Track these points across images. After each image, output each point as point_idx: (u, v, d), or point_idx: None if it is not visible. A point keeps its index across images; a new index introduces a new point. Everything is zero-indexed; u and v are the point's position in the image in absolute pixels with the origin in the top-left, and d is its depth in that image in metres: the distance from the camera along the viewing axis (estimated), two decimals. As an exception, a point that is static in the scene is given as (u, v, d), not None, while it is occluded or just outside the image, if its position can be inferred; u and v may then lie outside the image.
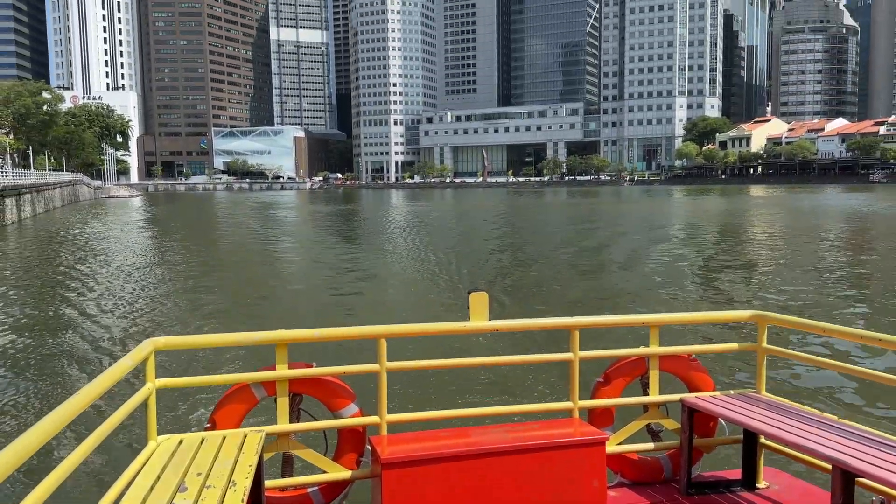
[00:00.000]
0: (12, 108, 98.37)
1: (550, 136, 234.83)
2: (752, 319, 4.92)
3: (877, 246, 34.84)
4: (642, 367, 4.87)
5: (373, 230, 51.62)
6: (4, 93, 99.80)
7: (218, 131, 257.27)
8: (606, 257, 31.04)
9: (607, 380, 4.85)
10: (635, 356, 4.86)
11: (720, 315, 6.00)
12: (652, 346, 4.84)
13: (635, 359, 4.87)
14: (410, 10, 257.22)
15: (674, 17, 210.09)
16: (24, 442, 2.27)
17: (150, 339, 3.95)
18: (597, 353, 4.85)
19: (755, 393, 4.96)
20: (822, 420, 4.32)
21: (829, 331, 4.55)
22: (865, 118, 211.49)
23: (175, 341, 4.19)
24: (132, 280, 24.40)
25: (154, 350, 3.92)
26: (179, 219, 68.42)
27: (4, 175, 48.75)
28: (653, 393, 4.84)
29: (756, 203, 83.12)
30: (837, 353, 12.04)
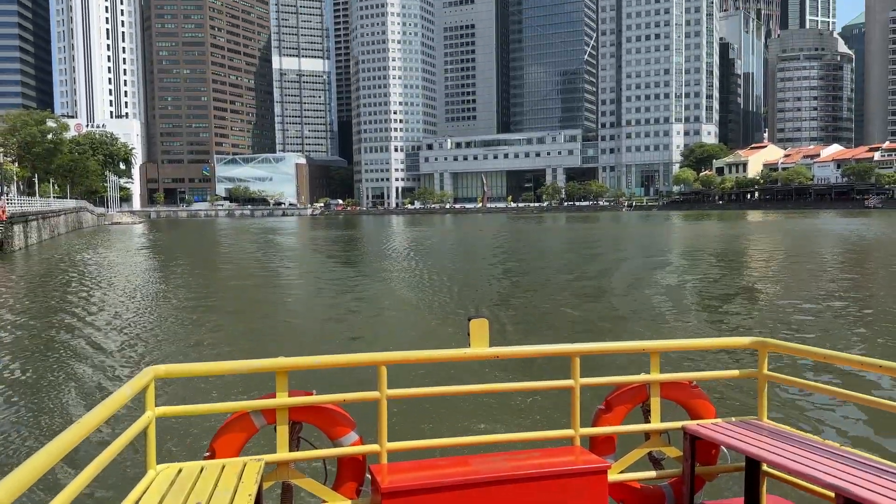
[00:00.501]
0: (18, 137, 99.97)
1: (549, 162, 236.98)
2: (753, 346, 4.93)
3: (875, 270, 34.79)
4: (643, 394, 4.89)
5: (373, 255, 51.98)
6: (11, 121, 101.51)
7: (220, 158, 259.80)
8: (607, 282, 30.95)
9: (608, 407, 4.86)
10: (636, 383, 4.89)
11: (721, 341, 6.04)
12: (653, 372, 4.87)
13: (636, 386, 4.90)
14: (411, 40, 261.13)
15: (670, 46, 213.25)
16: (25, 471, 2.26)
17: (151, 368, 3.92)
18: (598, 380, 4.89)
19: (757, 420, 4.96)
20: (824, 447, 4.26)
21: (830, 357, 4.53)
22: (862, 143, 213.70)
23: (175, 369, 4.18)
24: (133, 306, 24.59)
25: (154, 378, 3.88)
26: (181, 245, 69.37)
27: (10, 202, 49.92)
28: (654, 420, 4.85)
29: (754, 227, 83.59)
30: (839, 379, 12.02)
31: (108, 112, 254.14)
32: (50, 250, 52.77)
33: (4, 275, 37.33)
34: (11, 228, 47.02)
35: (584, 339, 16.20)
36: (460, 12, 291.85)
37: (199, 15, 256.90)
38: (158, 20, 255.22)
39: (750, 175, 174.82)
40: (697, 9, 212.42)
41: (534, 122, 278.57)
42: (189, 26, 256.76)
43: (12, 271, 39.37)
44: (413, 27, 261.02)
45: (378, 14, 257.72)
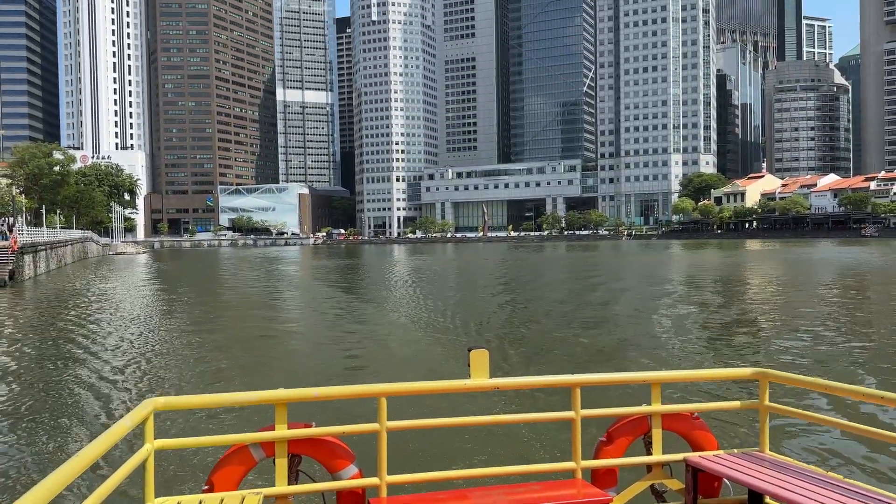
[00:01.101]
0: (26, 169, 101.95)
1: (549, 191, 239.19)
2: (754, 377, 4.92)
3: (875, 299, 34.78)
4: (645, 426, 4.86)
5: (374, 283, 52.44)
6: (19, 154, 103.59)
7: (224, 189, 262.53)
8: (608, 311, 30.93)
9: (610, 439, 4.83)
10: (638, 414, 4.87)
11: (722, 372, 5.97)
12: (654, 403, 4.83)
13: (638, 417, 4.87)
14: (412, 73, 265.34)
15: (667, 78, 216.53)
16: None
17: (150, 399, 3.97)
18: (599, 411, 4.86)
19: (759, 452, 4.93)
20: (826, 479, 4.24)
21: (832, 388, 4.50)
22: (860, 173, 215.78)
23: (175, 401, 4.20)
24: (135, 336, 24.91)
25: (154, 410, 3.91)
26: (183, 274, 70.45)
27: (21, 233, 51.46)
28: (656, 452, 4.80)
29: (753, 256, 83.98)
30: (841, 410, 11.95)
31: (113, 143, 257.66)
32: (57, 280, 54.12)
33: (15, 303, 38.61)
34: (22, 258, 48.48)
35: (586, 368, 16.93)
36: (461, 46, 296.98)
37: (204, 49, 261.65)
38: (164, 54, 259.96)
39: (748, 204, 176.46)
40: (694, 41, 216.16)
41: (534, 152, 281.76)
42: (195, 60, 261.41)
43: (22, 300, 40.64)
44: (415, 60, 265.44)
45: (380, 48, 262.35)
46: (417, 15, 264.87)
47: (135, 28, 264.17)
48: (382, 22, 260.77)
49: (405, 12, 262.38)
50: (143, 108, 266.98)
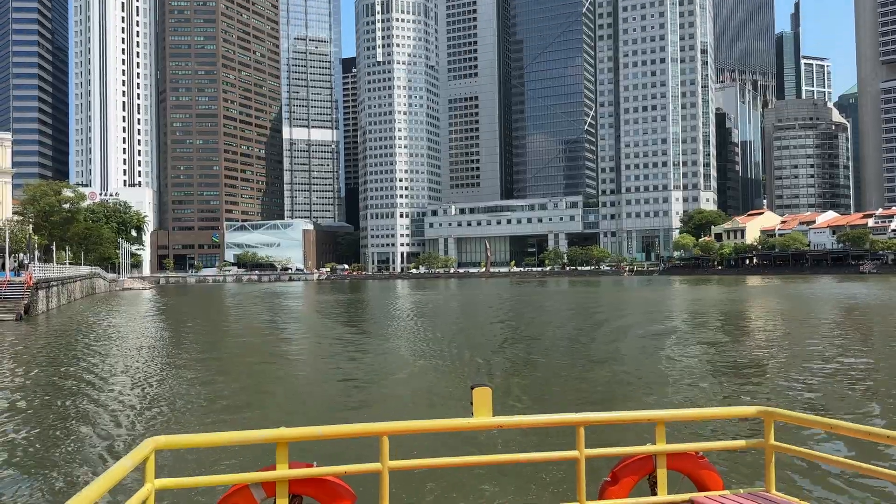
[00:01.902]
0: (37, 207, 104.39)
1: (551, 227, 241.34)
2: (759, 415, 4.84)
3: (878, 336, 34.74)
4: (650, 466, 4.80)
5: (377, 318, 53.08)
6: (31, 192, 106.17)
7: (230, 225, 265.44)
8: (612, 348, 30.89)
9: (615, 479, 4.79)
10: (642, 454, 4.83)
11: (726, 411, 5.93)
12: (659, 443, 4.79)
13: (643, 457, 4.83)
14: (416, 111, 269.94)
15: (666, 117, 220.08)
16: None
17: (151, 438, 3.93)
18: (603, 450, 4.84)
19: (765, 491, 4.85)
20: None
21: (837, 427, 4.43)
22: (861, 209, 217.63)
23: (175, 440, 4.14)
24: (139, 371, 25.34)
25: (154, 449, 3.88)
26: (187, 310, 71.79)
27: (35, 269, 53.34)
28: (661, 492, 4.74)
29: (754, 292, 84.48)
30: (846, 449, 11.81)
31: (121, 180, 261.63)
32: (67, 315, 55.77)
33: (31, 336, 40.22)
34: (36, 293, 50.27)
35: (590, 405, 17.07)
36: (464, 85, 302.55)
37: (212, 88, 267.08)
38: (173, 93, 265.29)
39: (748, 241, 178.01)
40: (693, 81, 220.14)
41: (536, 188, 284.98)
42: (203, 99, 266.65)
43: (37, 333, 42.24)
44: (419, 99, 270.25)
45: (385, 87, 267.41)
46: (421, 56, 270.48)
47: (144, 68, 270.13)
48: (387, 62, 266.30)
49: (409, 53, 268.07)
50: (152, 146, 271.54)
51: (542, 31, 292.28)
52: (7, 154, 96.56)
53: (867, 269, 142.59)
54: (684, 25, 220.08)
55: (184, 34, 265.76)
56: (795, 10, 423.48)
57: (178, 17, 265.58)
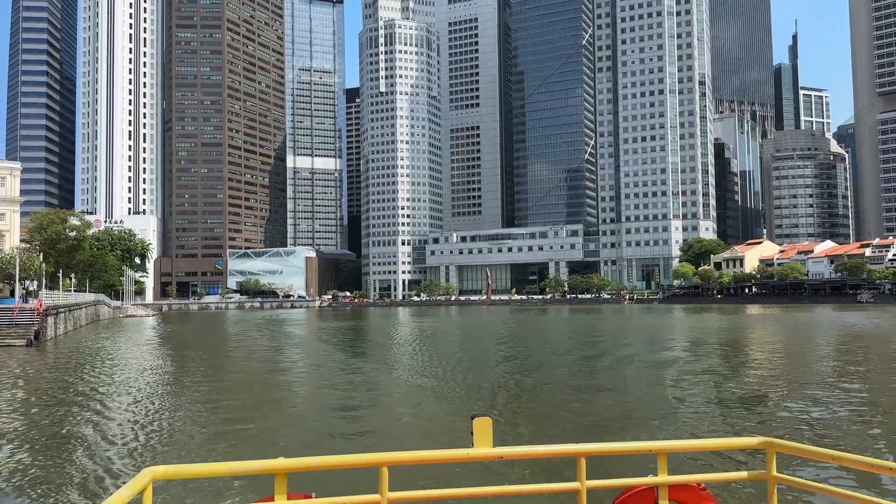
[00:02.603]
0: (44, 235, 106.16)
1: (552, 255, 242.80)
2: (762, 446, 4.81)
3: (879, 365, 34.71)
4: (651, 498, 4.75)
5: (378, 346, 53.61)
6: (38, 220, 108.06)
7: (233, 252, 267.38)
8: (613, 376, 30.83)
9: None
10: (644, 485, 4.78)
11: (728, 442, 5.89)
12: (661, 474, 4.75)
13: (644, 489, 4.78)
14: (418, 140, 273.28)
15: (665, 147, 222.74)
16: None
17: (149, 469, 3.89)
18: (604, 482, 4.81)
19: None
20: None
21: (840, 458, 4.41)
22: (861, 239, 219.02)
23: (173, 470, 4.09)
24: (141, 398, 25.68)
25: (153, 479, 3.84)
26: (190, 337, 72.95)
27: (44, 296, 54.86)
28: None
29: (754, 321, 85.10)
30: (849, 481, 11.70)
31: (126, 208, 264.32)
32: (74, 341, 57.09)
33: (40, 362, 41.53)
34: (46, 320, 51.69)
35: (591, 435, 17.18)
36: (466, 115, 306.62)
37: (218, 118, 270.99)
38: (179, 122, 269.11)
39: (747, 270, 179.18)
40: (691, 112, 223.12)
41: (537, 216, 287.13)
42: (208, 128, 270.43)
43: (46, 359, 43.55)
44: (421, 129, 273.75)
45: (388, 117, 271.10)
46: (424, 86, 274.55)
47: (151, 98, 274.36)
48: (390, 93, 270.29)
49: (412, 84, 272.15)
50: (157, 175, 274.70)
51: (543, 62, 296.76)
52: (16, 183, 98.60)
53: (864, 299, 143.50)
54: (682, 58, 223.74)
55: (190, 65, 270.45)
56: (793, 42, 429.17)
57: (184, 48, 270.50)
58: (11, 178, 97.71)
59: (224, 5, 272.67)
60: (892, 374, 30.92)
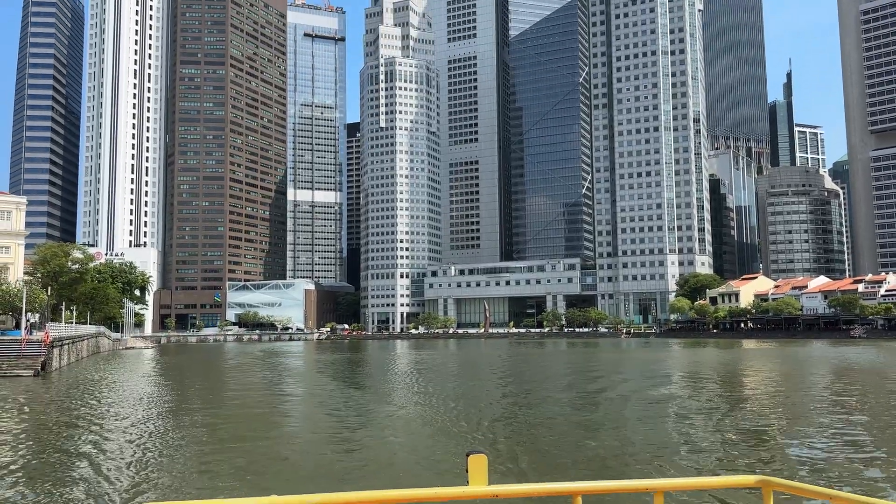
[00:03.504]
0: (47, 267, 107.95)
1: (549, 289, 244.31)
2: (757, 485, 4.82)
3: (873, 402, 34.93)
4: None
5: (376, 378, 54.27)
6: (42, 253, 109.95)
7: (232, 285, 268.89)
8: (611, 412, 30.81)
9: None
10: None
11: (725, 480, 5.83)
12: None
13: None
14: (418, 175, 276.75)
15: (661, 182, 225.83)
16: None
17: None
18: None
19: None
20: None
21: (836, 498, 4.39)
22: (856, 274, 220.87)
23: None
24: (140, 433, 25.93)
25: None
26: (188, 369, 74.11)
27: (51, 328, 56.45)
28: None
29: (750, 355, 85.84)
30: None
31: (127, 241, 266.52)
32: (77, 372, 58.46)
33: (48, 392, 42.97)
34: (52, 351, 53.23)
35: (588, 471, 17.17)
36: (465, 150, 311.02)
37: (220, 152, 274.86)
38: (181, 156, 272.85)
39: (742, 305, 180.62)
40: (686, 149, 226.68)
41: (535, 250, 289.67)
42: (210, 162, 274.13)
43: (54, 390, 44.98)
44: (420, 163, 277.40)
45: (388, 151, 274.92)
46: (423, 122, 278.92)
47: (154, 132, 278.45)
48: (390, 128, 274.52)
49: (411, 119, 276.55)
50: (158, 207, 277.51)
51: (541, 99, 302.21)
52: (21, 217, 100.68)
53: (857, 334, 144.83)
54: (677, 96, 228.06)
55: (193, 100, 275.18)
56: (788, 80, 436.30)
57: (188, 84, 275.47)
58: (17, 211, 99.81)
59: (228, 43, 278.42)
60: (887, 412, 31.03)
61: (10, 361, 48.30)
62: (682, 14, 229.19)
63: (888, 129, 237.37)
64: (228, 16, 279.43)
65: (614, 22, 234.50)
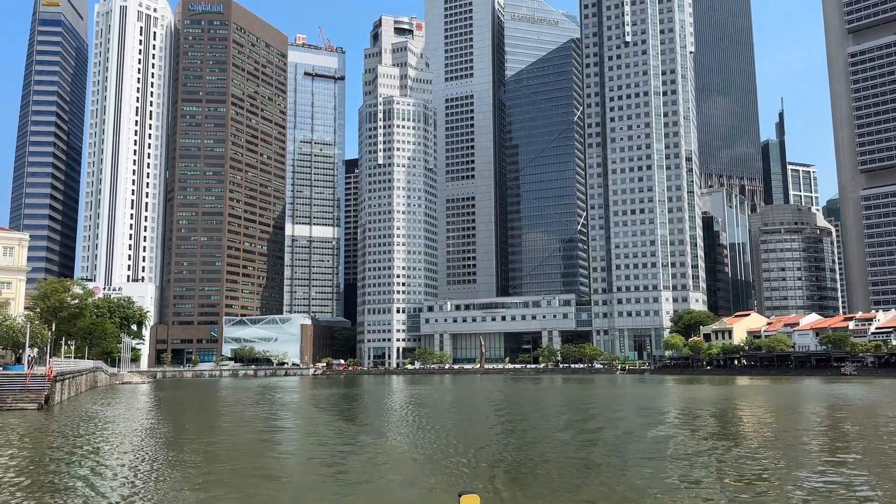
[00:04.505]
0: (48, 303, 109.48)
1: (545, 324, 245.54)
2: None
3: (869, 441, 35.15)
4: None
5: (371, 415, 54.83)
6: (43, 289, 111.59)
7: (228, 319, 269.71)
8: (608, 453, 30.46)
9: None
10: None
11: None
12: None
13: None
14: (415, 210, 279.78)
15: (654, 220, 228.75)
16: None
17: None
18: None
19: None
20: None
21: None
22: (849, 312, 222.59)
23: None
24: (136, 471, 26.07)
25: None
26: (182, 404, 75.06)
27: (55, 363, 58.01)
28: None
29: (744, 392, 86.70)
30: None
31: (125, 276, 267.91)
32: (78, 406, 59.81)
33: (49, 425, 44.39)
34: (55, 385, 54.73)
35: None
36: (461, 186, 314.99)
37: (219, 188, 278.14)
38: (181, 192, 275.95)
39: (735, 342, 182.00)
40: (678, 187, 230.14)
41: (531, 285, 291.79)
42: (210, 198, 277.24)
43: (57, 422, 46.38)
44: (417, 199, 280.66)
45: (385, 188, 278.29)
46: (420, 158, 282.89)
47: (154, 168, 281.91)
48: (387, 165, 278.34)
49: (409, 156, 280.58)
50: (157, 242, 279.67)
51: (537, 137, 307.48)
52: (24, 253, 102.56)
53: (848, 371, 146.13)
54: (669, 135, 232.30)
55: (194, 137, 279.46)
56: (780, 119, 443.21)
57: (189, 121, 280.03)
58: (20, 247, 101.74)
59: (229, 81, 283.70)
60: (882, 454, 31.04)
61: (15, 395, 49.83)
62: (673, 56, 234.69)
63: (878, 168, 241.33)
64: (230, 55, 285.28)
65: (607, 63, 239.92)
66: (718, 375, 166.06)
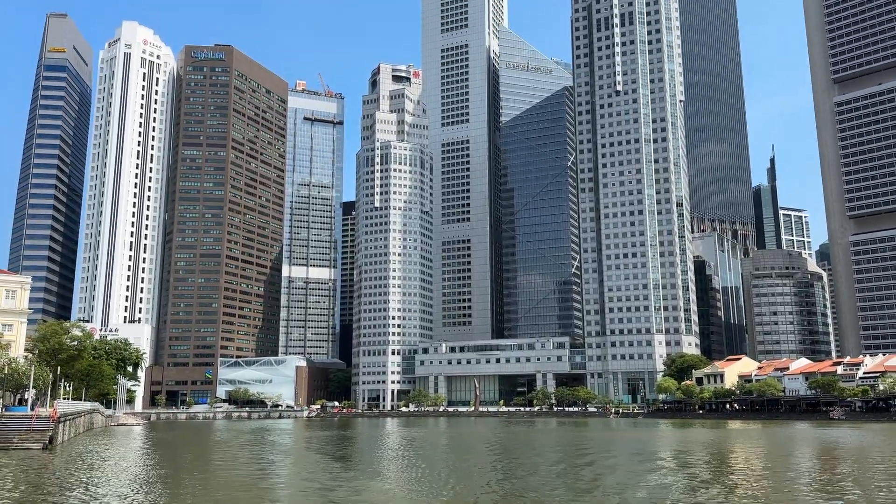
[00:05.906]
0: (47, 345, 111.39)
1: (539, 367, 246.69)
2: None
3: (866, 485, 35.89)
4: None
5: (365, 461, 55.21)
6: (42, 331, 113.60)
7: (224, 361, 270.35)
8: (605, 500, 30.90)
9: None
10: None
11: None
12: None
13: None
14: (410, 253, 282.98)
15: (646, 264, 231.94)
16: None
17: None
18: None
19: None
20: None
21: None
22: (842, 356, 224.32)
23: None
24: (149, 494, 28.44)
25: None
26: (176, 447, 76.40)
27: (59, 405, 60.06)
28: None
29: (737, 437, 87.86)
30: None
31: (122, 316, 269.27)
32: (76, 447, 61.52)
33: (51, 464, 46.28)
34: (58, 426, 56.72)
35: None
36: (457, 229, 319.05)
37: (217, 230, 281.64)
38: (180, 234, 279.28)
39: (727, 385, 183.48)
40: (670, 231, 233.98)
41: (526, 328, 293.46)
42: (208, 240, 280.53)
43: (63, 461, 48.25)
44: (413, 242, 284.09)
45: (381, 230, 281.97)
46: (416, 202, 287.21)
47: (154, 210, 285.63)
48: (384, 208, 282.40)
49: (405, 199, 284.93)
50: (154, 283, 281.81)
51: (531, 181, 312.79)
52: (25, 296, 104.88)
53: (837, 416, 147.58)
54: (660, 181, 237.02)
55: (194, 180, 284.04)
56: (771, 165, 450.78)
57: (189, 164, 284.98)
58: (21, 290, 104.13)
59: (230, 126, 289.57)
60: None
61: (21, 435, 51.79)
62: (663, 105, 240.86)
63: (866, 214, 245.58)
64: (231, 101, 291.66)
65: (599, 111, 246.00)
66: (710, 419, 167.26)
